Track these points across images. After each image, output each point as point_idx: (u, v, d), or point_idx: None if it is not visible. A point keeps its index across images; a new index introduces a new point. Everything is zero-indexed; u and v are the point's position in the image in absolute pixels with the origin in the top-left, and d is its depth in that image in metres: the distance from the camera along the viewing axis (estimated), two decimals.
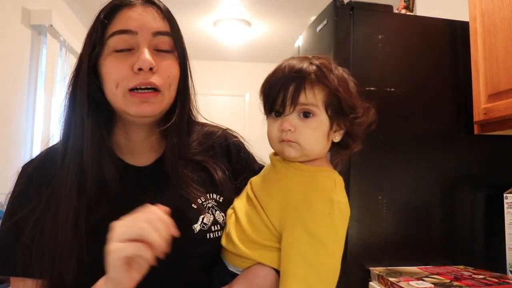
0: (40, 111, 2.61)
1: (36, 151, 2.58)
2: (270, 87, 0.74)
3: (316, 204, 0.68)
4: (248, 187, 0.81)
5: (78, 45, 3.03)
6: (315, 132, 0.72)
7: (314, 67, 0.72)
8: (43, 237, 0.70)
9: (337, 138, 0.76)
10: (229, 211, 0.80)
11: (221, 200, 0.82)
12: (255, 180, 0.80)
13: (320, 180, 0.72)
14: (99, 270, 0.67)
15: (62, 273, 0.68)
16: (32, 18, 2.51)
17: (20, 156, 2.48)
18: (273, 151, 0.82)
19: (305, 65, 0.73)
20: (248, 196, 0.79)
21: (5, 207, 2.05)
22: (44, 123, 2.62)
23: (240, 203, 0.79)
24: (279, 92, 0.72)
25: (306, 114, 0.72)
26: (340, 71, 0.76)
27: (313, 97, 0.71)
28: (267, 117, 0.78)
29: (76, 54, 3.06)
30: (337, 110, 0.73)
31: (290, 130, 0.72)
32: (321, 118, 0.73)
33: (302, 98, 0.71)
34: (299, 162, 0.76)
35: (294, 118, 0.72)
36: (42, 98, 2.62)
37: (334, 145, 0.79)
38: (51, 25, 2.58)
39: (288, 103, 0.71)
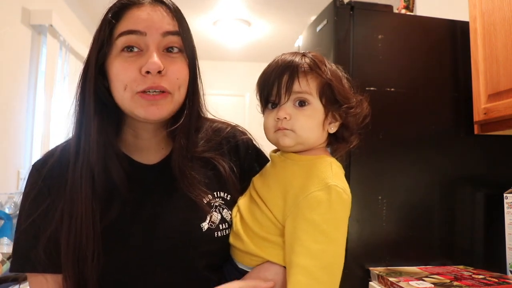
0: (40, 111, 2.61)
1: (36, 151, 2.58)
2: (265, 79, 0.77)
3: (313, 191, 0.68)
4: (251, 185, 0.81)
5: (78, 45, 3.03)
6: (309, 120, 0.74)
7: (307, 59, 0.75)
8: (61, 235, 0.71)
9: (332, 129, 0.77)
10: (234, 210, 0.80)
11: (228, 198, 0.82)
12: (256, 177, 0.81)
13: (316, 167, 0.72)
14: (115, 268, 0.71)
15: (81, 270, 0.70)
16: (32, 18, 2.51)
17: (20, 156, 2.48)
18: (272, 148, 0.83)
19: (298, 57, 0.76)
20: (250, 194, 0.80)
21: (5, 207, 2.06)
22: (44, 123, 2.61)
23: (243, 201, 0.80)
24: (274, 82, 0.75)
25: (301, 103, 0.74)
26: (333, 66, 0.79)
27: (306, 85, 0.73)
28: (263, 112, 0.80)
29: (76, 54, 3.06)
30: (331, 99, 0.75)
31: (285, 118, 0.73)
32: (316, 107, 0.74)
33: (296, 87, 0.73)
34: (296, 152, 0.77)
35: (289, 106, 0.74)
36: (42, 98, 2.61)
37: (332, 139, 0.79)
38: (51, 25, 2.57)
39: (282, 92, 0.74)
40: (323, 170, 0.71)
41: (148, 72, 0.70)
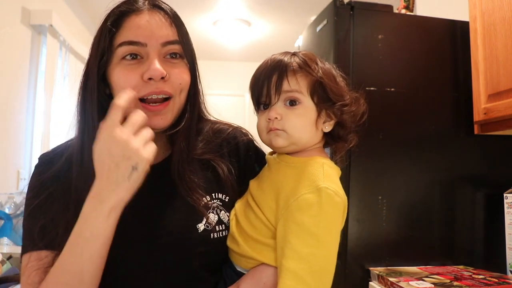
0: (40, 111, 2.61)
1: (36, 151, 2.58)
2: (255, 81, 0.77)
3: (303, 193, 0.68)
4: (248, 188, 0.81)
5: (78, 45, 3.03)
6: (301, 119, 0.73)
7: (296, 58, 0.75)
8: (58, 225, 0.71)
9: (327, 128, 0.76)
10: (232, 212, 0.80)
11: (226, 200, 0.82)
12: (253, 181, 0.81)
13: (307, 168, 0.72)
14: (112, 266, 0.70)
15: None
16: (32, 18, 2.51)
17: (20, 156, 2.48)
18: (269, 151, 0.83)
19: (287, 56, 0.75)
20: (246, 197, 0.80)
21: (5, 207, 2.06)
22: (44, 123, 2.61)
23: (239, 204, 0.80)
24: (264, 83, 0.75)
25: (292, 102, 0.74)
26: (326, 65, 0.78)
27: (296, 84, 0.73)
28: (257, 114, 0.79)
29: (76, 54, 3.06)
30: (323, 97, 0.74)
31: (276, 118, 0.73)
32: (307, 105, 0.74)
33: (285, 86, 0.73)
34: (291, 153, 0.76)
35: (280, 106, 0.74)
36: (42, 98, 2.61)
37: (328, 139, 0.79)
38: (51, 25, 2.58)
39: (272, 92, 0.74)
40: (314, 172, 0.70)
41: (150, 79, 0.71)
